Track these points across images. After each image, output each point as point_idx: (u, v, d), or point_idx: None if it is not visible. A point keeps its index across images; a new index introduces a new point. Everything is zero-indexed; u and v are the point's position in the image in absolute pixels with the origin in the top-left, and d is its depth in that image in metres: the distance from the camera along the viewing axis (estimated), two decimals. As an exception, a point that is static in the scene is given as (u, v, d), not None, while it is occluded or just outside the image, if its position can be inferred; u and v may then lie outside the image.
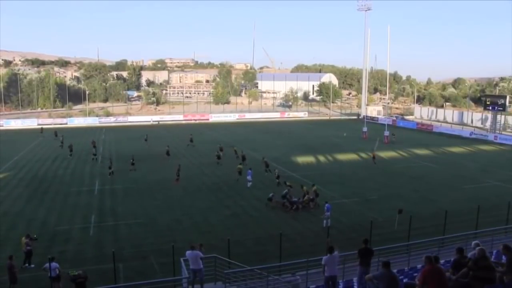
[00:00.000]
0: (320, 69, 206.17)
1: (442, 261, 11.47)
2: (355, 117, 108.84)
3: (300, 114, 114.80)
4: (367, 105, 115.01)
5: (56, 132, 71.07)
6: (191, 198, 35.15)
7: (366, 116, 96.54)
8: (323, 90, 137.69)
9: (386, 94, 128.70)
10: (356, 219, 28.97)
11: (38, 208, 32.35)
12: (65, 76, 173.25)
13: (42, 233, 26.40)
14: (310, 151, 57.04)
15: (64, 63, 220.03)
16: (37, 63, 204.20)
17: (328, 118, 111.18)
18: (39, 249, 23.28)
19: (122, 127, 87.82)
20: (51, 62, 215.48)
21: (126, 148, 58.62)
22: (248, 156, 49.52)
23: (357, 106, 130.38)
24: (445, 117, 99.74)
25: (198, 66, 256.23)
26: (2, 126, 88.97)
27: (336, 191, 36.90)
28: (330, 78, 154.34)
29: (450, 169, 46.04)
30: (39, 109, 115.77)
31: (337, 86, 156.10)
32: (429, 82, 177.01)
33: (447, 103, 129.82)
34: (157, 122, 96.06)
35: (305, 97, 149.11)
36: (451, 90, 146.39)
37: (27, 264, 21.89)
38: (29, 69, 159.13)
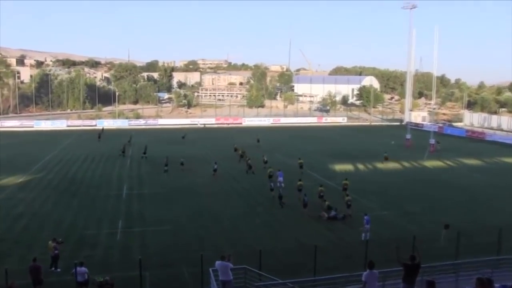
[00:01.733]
0: (361, 72, 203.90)
1: (497, 285, 10.85)
2: (398, 123, 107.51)
3: (338, 119, 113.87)
4: (411, 110, 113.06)
5: (99, 134, 73.55)
6: (221, 204, 35.38)
7: (410, 122, 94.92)
8: (364, 94, 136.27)
9: (432, 98, 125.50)
10: (396, 233, 28.46)
11: (67, 211, 33.28)
12: (95, 77, 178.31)
13: (69, 237, 27.11)
14: (348, 159, 56.50)
15: (94, 64, 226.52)
16: (68, 63, 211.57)
17: (368, 124, 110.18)
18: (66, 253, 23.83)
19: (152, 130, 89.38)
20: (82, 63, 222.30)
21: (164, 150, 59.43)
22: (282, 162, 49.91)
23: (400, 111, 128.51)
24: (499, 124, 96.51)
25: (232, 67, 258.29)
26: (33, 127, 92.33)
27: (375, 202, 36.38)
28: (371, 81, 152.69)
29: (502, 181, 44.74)
30: (68, 110, 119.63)
31: (378, 89, 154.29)
32: (481, 86, 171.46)
33: (503, 109, 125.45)
34: (203, 126, 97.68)
35: (344, 101, 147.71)
36: (507, 94, 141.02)
37: (53, 268, 22.37)
38: (60, 70, 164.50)
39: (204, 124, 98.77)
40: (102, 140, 70.81)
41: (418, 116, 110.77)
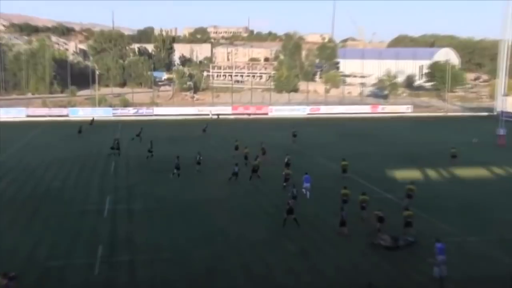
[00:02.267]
0: (433, 42, 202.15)
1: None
2: (486, 113, 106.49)
3: (400, 108, 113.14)
4: (506, 95, 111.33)
5: (80, 129, 74.50)
6: (241, 224, 35.55)
7: (504, 112, 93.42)
8: (437, 73, 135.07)
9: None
10: (488, 268, 27.92)
11: (25, 234, 33.38)
12: (67, 49, 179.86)
13: (28, 270, 27.14)
14: (415, 163, 56.29)
15: (65, 31, 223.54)
16: (27, 30, 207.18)
17: (443, 114, 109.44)
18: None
19: (145, 122, 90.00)
20: (48, 29, 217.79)
21: (168, 150, 59.78)
22: (323, 166, 50.66)
23: (489, 96, 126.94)
24: None
25: (254, 37, 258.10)
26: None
27: (455, 223, 36.02)
28: (447, 55, 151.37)
29: None
30: (29, 95, 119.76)
31: (458, 66, 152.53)
32: None
33: None
34: (216, 117, 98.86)
35: (409, 83, 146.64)
36: None
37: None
38: (16, 38, 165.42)
39: (218, 115, 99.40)
40: (81, 135, 72.29)
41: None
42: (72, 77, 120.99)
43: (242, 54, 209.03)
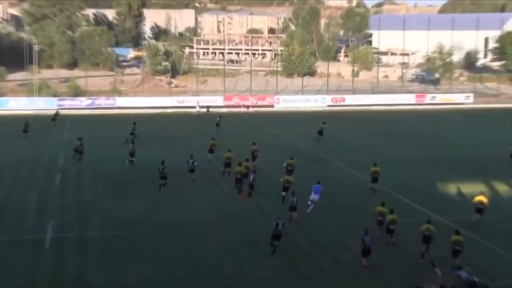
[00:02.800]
0: (504, 5, 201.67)
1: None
2: None
3: (457, 97, 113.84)
4: None
5: (24, 127, 74.51)
6: (237, 258, 35.50)
7: None
8: (509, 48, 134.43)
9: None
10: None
11: None
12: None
13: None
14: (477, 173, 56.32)
15: None
16: None
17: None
18: None
19: (104, 117, 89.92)
20: None
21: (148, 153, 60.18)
22: (346, 175, 52.98)
23: None
24: None
25: (254, 1, 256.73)
26: None
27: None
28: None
29: None
30: None
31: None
32: None
33: None
34: (206, 110, 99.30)
35: (469, 62, 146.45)
36: None
37: None
38: None
39: (208, 107, 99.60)
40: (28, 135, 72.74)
41: None
42: (1, 55, 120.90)
43: (238, 23, 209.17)
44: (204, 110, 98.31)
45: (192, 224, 41.09)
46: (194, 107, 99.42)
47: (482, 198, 41.03)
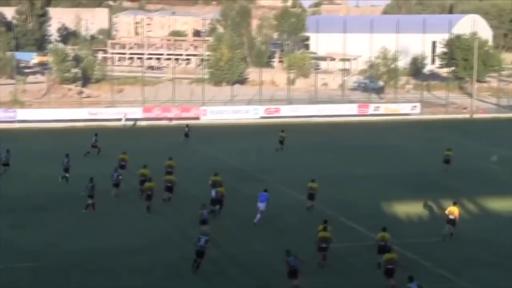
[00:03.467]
0: (451, 6, 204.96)
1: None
2: None
3: (403, 106, 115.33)
4: None
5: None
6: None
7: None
8: (458, 53, 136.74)
9: None
10: None
11: None
12: None
13: None
14: (429, 191, 56.83)
15: None
16: None
17: (468, 116, 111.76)
18: None
19: (2, 133, 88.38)
20: None
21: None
22: (281, 195, 52.10)
23: None
24: None
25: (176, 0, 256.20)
26: None
27: (492, 280, 36.99)
28: (473, 26, 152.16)
29: None
30: None
31: (490, 43, 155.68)
32: None
33: None
34: (133, 123, 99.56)
35: (416, 68, 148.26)
36: None
37: None
38: None
39: (135, 122, 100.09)
40: None
41: None
42: None
43: (159, 25, 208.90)
44: (131, 123, 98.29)
45: (109, 255, 40.50)
46: (120, 119, 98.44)
47: (454, 209, 42.71)
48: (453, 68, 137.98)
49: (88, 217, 48.53)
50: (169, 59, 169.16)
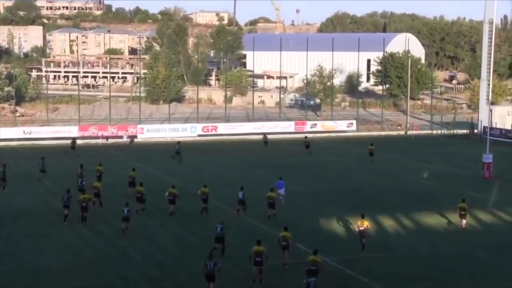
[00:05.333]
0: (384, 25, 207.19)
1: None
2: (466, 131, 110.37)
3: (339, 124, 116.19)
4: (494, 103, 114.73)
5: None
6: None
7: (492, 128, 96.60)
8: (392, 70, 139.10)
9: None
10: None
11: None
12: None
13: None
14: (365, 207, 55.47)
15: None
16: None
17: (403, 133, 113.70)
18: None
19: None
20: None
21: None
22: (226, 214, 50.10)
23: (470, 106, 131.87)
24: None
25: (113, 17, 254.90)
26: None
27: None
28: (406, 44, 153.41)
29: None
30: None
31: (422, 61, 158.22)
32: None
33: None
34: (105, 140, 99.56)
35: (351, 86, 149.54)
36: None
37: None
38: None
39: (107, 138, 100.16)
40: None
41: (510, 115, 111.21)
42: None
43: (94, 43, 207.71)
44: (104, 141, 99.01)
45: (40, 276, 39.80)
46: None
47: (363, 222, 44.34)
48: (387, 85, 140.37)
49: (20, 236, 48.12)
50: (105, 77, 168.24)
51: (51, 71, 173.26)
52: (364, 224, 44.40)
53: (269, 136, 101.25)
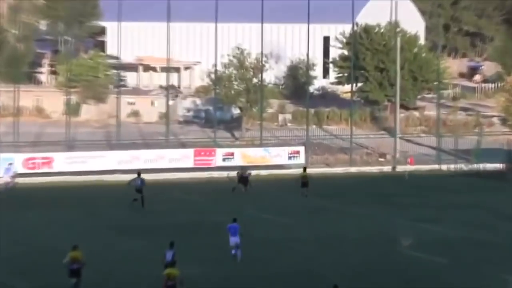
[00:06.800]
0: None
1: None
2: (499, 165, 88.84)
3: (276, 153, 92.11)
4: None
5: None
6: None
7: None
8: (367, 55, 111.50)
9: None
10: None
11: None
12: None
13: None
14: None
15: None
16: None
17: (389, 169, 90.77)
18: None
19: None
20: None
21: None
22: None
23: (506, 121, 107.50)
24: None
25: None
26: None
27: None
28: (393, 10, 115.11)
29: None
30: None
31: (422, 41, 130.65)
32: None
33: None
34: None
35: (296, 85, 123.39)
36: None
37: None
38: None
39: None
40: None
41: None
42: None
43: None
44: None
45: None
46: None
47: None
48: (360, 84, 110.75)
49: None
50: None
51: None
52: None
53: (146, 177, 73.16)
